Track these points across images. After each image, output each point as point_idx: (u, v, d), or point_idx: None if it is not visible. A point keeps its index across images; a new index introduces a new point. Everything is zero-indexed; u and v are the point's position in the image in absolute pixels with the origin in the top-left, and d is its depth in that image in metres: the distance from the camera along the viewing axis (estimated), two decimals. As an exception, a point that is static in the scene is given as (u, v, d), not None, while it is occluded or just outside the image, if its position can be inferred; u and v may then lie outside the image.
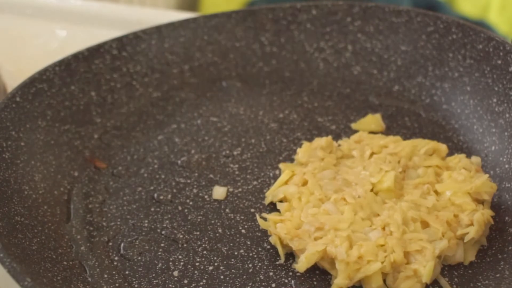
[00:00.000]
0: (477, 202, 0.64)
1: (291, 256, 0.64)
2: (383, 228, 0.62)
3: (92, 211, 0.70)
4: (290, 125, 0.79)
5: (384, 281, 0.60)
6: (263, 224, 0.66)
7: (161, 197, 0.71)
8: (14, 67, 0.90)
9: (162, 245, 0.66)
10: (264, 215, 0.67)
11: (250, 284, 0.62)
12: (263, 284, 0.62)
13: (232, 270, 0.63)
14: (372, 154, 0.70)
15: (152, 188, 0.72)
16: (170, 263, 0.64)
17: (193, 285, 0.62)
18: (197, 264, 0.64)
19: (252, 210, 0.69)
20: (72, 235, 0.67)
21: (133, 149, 0.76)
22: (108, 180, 0.73)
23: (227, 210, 0.69)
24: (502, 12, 1.54)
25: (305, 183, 0.68)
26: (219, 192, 0.71)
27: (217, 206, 0.69)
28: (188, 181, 0.72)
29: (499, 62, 0.71)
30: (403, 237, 0.61)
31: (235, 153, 0.76)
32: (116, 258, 0.65)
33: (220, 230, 0.67)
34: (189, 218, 0.68)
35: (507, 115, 0.69)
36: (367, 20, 0.82)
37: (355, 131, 0.75)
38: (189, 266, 0.64)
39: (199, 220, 0.68)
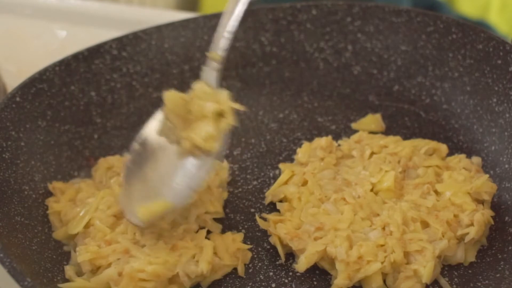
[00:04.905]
0: (477, 202, 0.64)
1: (291, 256, 0.64)
2: (383, 228, 0.62)
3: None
4: (290, 125, 0.79)
5: (384, 281, 0.60)
6: (263, 224, 0.66)
7: (161, 197, 0.71)
8: (14, 67, 0.90)
9: (162, 245, 0.66)
10: (264, 215, 0.67)
11: (250, 284, 0.62)
12: (263, 284, 0.62)
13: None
14: (372, 154, 0.70)
15: (152, 188, 0.72)
16: (170, 263, 0.64)
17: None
18: (197, 264, 0.64)
19: (252, 210, 0.69)
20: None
21: (133, 149, 0.76)
22: (108, 180, 0.73)
23: (227, 210, 0.69)
24: (502, 12, 1.54)
25: (305, 183, 0.68)
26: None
27: (217, 206, 0.69)
28: (188, 181, 0.72)
29: (499, 62, 0.71)
30: (403, 237, 0.61)
31: (235, 153, 0.76)
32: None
33: (220, 230, 0.67)
34: (189, 218, 0.68)
35: (507, 115, 0.69)
36: (367, 20, 0.82)
37: (355, 131, 0.75)
38: (189, 266, 0.64)
39: (199, 220, 0.68)
